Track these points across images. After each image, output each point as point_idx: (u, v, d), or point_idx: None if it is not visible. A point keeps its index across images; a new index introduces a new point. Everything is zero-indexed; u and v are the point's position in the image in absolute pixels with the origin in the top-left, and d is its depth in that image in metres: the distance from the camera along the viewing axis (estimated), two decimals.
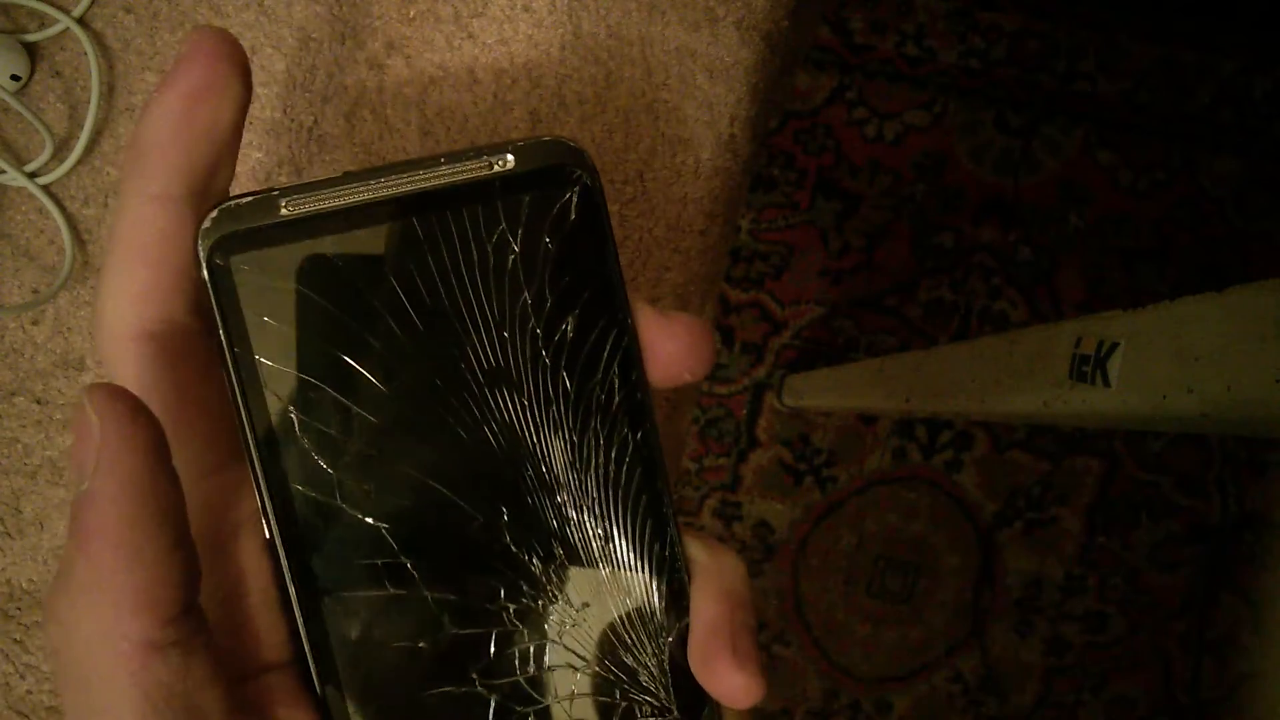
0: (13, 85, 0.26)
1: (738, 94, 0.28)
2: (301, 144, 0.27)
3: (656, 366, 0.18)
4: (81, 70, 0.26)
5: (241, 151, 0.26)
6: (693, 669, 0.18)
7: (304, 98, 0.26)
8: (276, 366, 0.16)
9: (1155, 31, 0.92)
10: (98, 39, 0.26)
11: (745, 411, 0.94)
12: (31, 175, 0.26)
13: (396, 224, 0.16)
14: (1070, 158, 0.93)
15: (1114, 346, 0.38)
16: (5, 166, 0.26)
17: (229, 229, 0.16)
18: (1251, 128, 0.94)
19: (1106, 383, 0.38)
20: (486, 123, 0.27)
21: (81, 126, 0.26)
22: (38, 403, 0.26)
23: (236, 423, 0.16)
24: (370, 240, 0.16)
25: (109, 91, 0.26)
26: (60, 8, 0.26)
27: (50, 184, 0.26)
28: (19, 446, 0.26)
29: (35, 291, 0.26)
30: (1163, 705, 0.98)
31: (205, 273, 0.16)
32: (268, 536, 0.16)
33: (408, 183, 0.16)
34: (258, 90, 0.26)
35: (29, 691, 0.26)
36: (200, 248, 0.16)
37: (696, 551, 0.18)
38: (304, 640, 0.16)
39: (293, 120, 0.26)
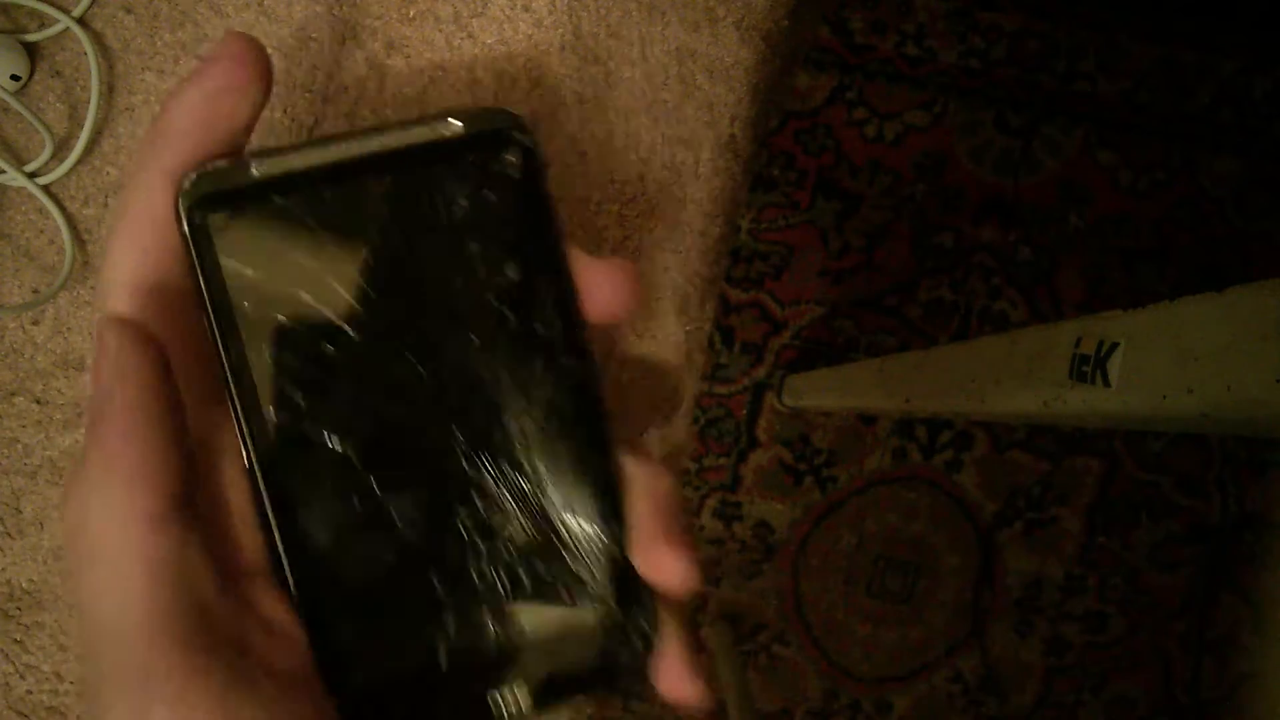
0: (13, 85, 0.26)
1: (738, 94, 0.28)
2: None
3: (592, 306, 0.20)
4: (81, 70, 0.26)
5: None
6: (635, 563, 0.20)
7: (304, 98, 0.26)
8: (249, 310, 0.18)
9: (1155, 31, 0.92)
10: (97, 39, 0.26)
11: (745, 411, 0.94)
12: (31, 175, 0.26)
13: (357, 182, 0.18)
14: (1070, 158, 0.93)
15: (1114, 346, 0.38)
16: (5, 166, 0.26)
17: (205, 189, 0.17)
18: (1251, 128, 0.94)
19: (1106, 383, 0.38)
20: None
21: (81, 126, 0.26)
22: (37, 403, 0.26)
23: (214, 360, 0.18)
24: (333, 197, 0.18)
25: (109, 91, 0.26)
26: (60, 8, 0.26)
27: (50, 184, 0.26)
28: (19, 446, 0.26)
29: (35, 291, 0.26)
30: (1163, 705, 0.98)
31: (185, 227, 0.17)
32: (245, 463, 0.18)
33: (366, 146, 0.18)
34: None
35: (29, 691, 0.26)
36: (179, 206, 0.17)
37: (629, 465, 0.20)
38: (279, 548, 0.18)
39: (293, 120, 0.26)
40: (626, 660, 0.20)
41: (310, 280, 0.18)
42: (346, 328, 0.18)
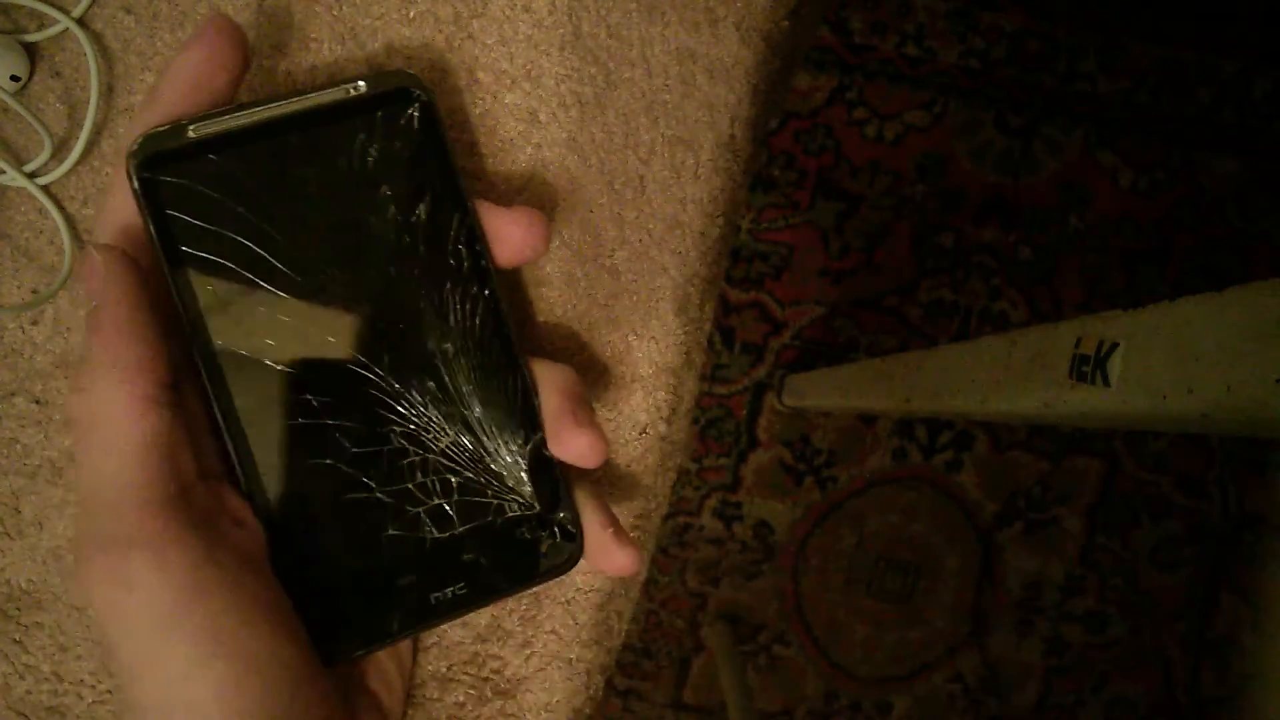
0: (12, 86, 0.26)
1: (738, 94, 0.28)
2: None
3: (506, 248, 0.22)
4: (81, 71, 0.26)
5: None
6: (550, 448, 0.22)
7: None
8: (195, 252, 0.20)
9: (1155, 32, 0.92)
10: (97, 39, 0.26)
11: (745, 412, 0.94)
12: (31, 175, 0.26)
13: (280, 138, 0.21)
14: (1070, 158, 0.93)
15: (1114, 347, 0.38)
16: (5, 167, 0.26)
17: (150, 150, 0.20)
18: (1251, 128, 0.94)
19: (1106, 383, 0.38)
20: (486, 123, 0.27)
21: (81, 127, 0.26)
22: (37, 403, 0.26)
23: (169, 296, 0.20)
24: (261, 151, 0.20)
25: (108, 92, 0.26)
26: (60, 8, 0.26)
27: (49, 184, 0.26)
28: (18, 447, 0.26)
29: (35, 291, 0.26)
30: (1163, 706, 0.98)
31: (135, 184, 0.20)
32: (201, 382, 0.20)
33: (286, 107, 0.20)
34: (257, 93, 0.26)
35: (28, 692, 0.26)
36: (129, 165, 0.20)
37: (536, 367, 0.23)
38: (232, 457, 0.20)
39: None
40: (554, 554, 0.22)
41: (243, 223, 0.20)
42: (280, 263, 0.20)
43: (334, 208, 0.21)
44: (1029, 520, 0.97)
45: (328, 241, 0.21)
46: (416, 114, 0.21)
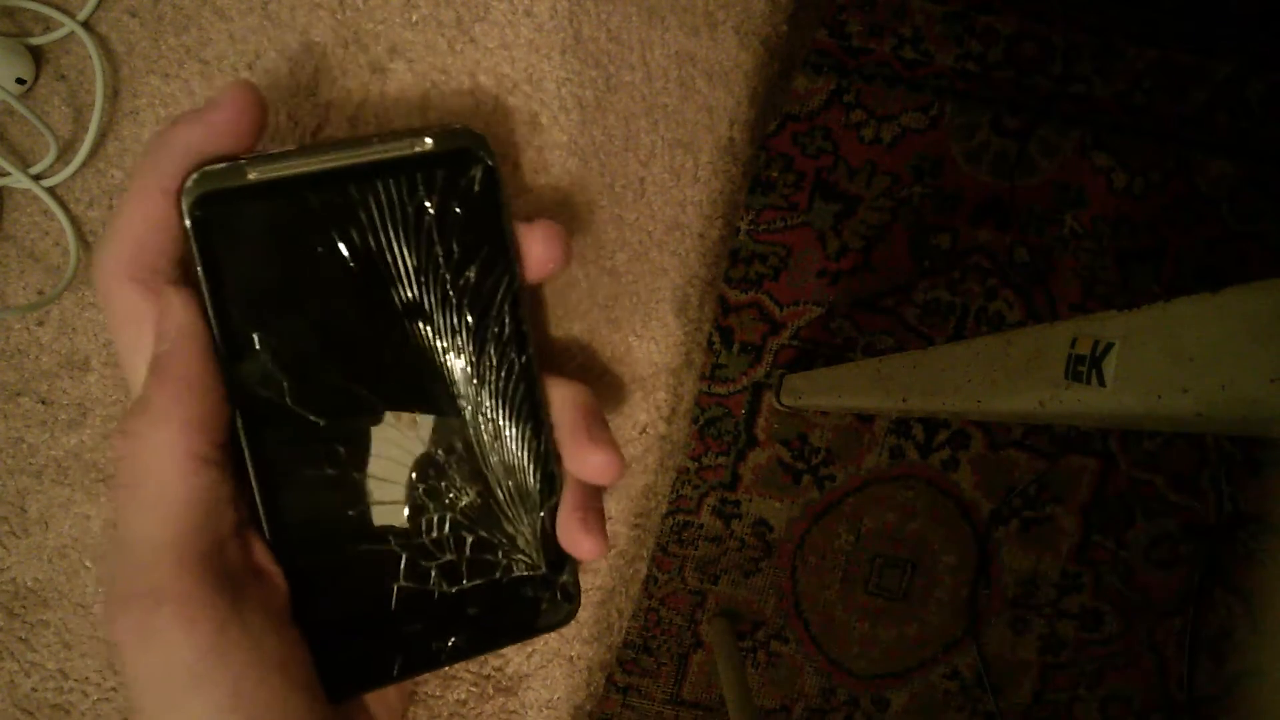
0: (18, 88, 0.26)
1: (737, 98, 0.28)
2: None
3: (529, 265, 0.22)
4: (86, 74, 0.26)
5: None
6: (566, 465, 0.22)
7: (308, 102, 0.27)
8: (241, 295, 0.20)
9: (1151, 34, 0.92)
10: (102, 43, 0.26)
11: (744, 411, 0.95)
12: (36, 177, 0.26)
13: (339, 188, 0.20)
14: (1066, 159, 0.94)
15: (1109, 347, 0.38)
16: (11, 169, 0.26)
17: (205, 188, 0.20)
18: (1246, 130, 0.94)
19: (1102, 382, 0.38)
20: (488, 126, 0.27)
21: (86, 129, 0.26)
22: (42, 403, 0.26)
23: (210, 338, 0.20)
24: (318, 200, 0.20)
25: (113, 95, 0.26)
26: (65, 11, 0.26)
27: (55, 186, 0.26)
28: (24, 446, 0.26)
29: (40, 293, 0.26)
30: (1158, 702, 0.99)
31: (187, 221, 0.20)
32: (236, 429, 0.20)
33: (348, 157, 0.20)
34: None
35: (34, 689, 0.27)
36: (183, 202, 0.20)
37: (552, 386, 0.23)
38: (259, 506, 0.20)
39: (296, 124, 0.27)
40: (552, 612, 0.23)
41: (295, 270, 0.20)
42: (325, 314, 0.20)
43: (384, 261, 0.21)
44: (1025, 518, 0.97)
45: (373, 294, 0.21)
46: (478, 176, 0.21)
